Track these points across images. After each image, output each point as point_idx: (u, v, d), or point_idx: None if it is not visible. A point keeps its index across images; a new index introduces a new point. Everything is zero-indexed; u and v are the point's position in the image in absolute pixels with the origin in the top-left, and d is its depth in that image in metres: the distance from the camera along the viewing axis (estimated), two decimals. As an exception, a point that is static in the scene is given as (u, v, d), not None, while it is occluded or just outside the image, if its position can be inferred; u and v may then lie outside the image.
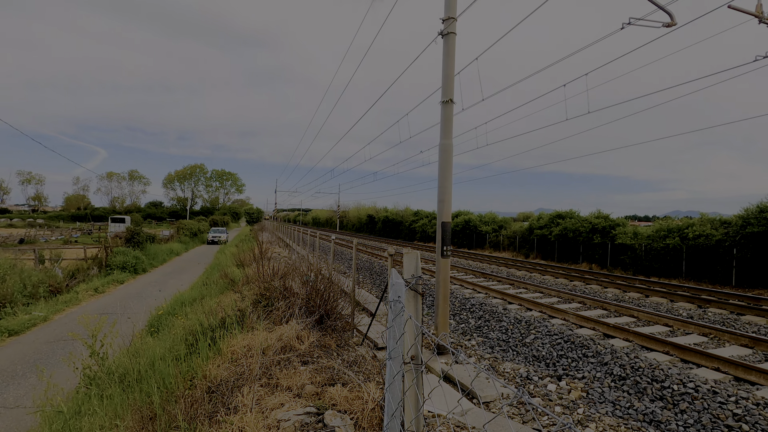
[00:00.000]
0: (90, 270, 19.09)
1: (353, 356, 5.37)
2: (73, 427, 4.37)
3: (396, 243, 37.46)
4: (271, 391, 4.06)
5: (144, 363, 5.48)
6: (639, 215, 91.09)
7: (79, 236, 43.62)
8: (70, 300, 13.94)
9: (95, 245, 24.90)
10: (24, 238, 37.07)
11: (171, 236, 38.28)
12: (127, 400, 4.64)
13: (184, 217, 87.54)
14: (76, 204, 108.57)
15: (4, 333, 10.19)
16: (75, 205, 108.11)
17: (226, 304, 8.30)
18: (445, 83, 7.44)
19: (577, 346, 7.28)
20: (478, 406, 5.25)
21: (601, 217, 22.63)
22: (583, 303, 11.13)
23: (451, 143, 7.47)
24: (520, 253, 27.70)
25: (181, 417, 3.69)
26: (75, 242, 35.59)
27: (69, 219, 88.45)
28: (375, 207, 63.32)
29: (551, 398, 5.78)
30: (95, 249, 21.99)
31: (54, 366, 7.55)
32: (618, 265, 20.07)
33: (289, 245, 28.01)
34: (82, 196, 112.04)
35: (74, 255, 21.47)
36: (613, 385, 6.00)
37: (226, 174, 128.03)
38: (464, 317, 10.03)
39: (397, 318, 2.45)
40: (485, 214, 34.67)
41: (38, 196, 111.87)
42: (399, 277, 2.70)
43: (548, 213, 27.34)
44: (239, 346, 5.18)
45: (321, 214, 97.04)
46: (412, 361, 2.33)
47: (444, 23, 7.41)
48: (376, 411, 3.62)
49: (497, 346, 8.11)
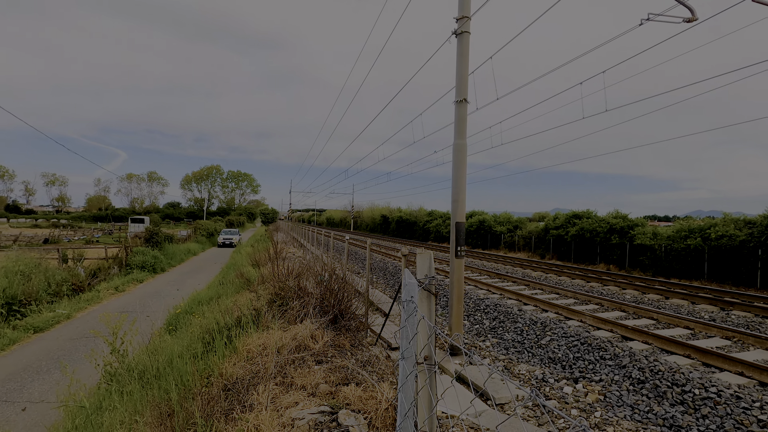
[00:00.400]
0: (111, 269, 19.57)
1: (367, 356, 5.38)
2: (94, 422, 4.49)
3: (410, 243, 37.40)
4: (286, 389, 4.10)
5: (162, 360, 5.60)
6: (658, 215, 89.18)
7: (101, 236, 44.76)
8: (92, 298, 14.31)
9: (116, 245, 25.52)
10: (48, 238, 38.22)
11: (188, 236, 38.99)
12: (146, 397, 4.74)
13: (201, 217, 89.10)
14: (98, 205, 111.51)
15: (30, 330, 10.52)
16: (96, 205, 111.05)
17: (241, 304, 8.41)
18: (459, 83, 7.40)
19: (594, 349, 7.16)
20: (492, 407, 5.21)
21: (619, 217, 22.20)
22: (600, 304, 10.94)
23: (465, 143, 7.43)
24: (535, 253, 27.37)
25: (198, 414, 3.75)
26: (96, 242, 36.53)
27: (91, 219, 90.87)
28: (389, 207, 63.38)
29: (567, 401, 5.70)
30: (116, 249, 22.53)
31: (77, 362, 7.77)
32: (637, 266, 19.66)
33: (304, 245, 28.23)
34: (104, 197, 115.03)
35: (96, 254, 22.04)
36: (632, 388, 5.88)
37: (241, 175, 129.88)
38: (479, 318, 9.96)
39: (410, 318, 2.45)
40: (500, 214, 34.36)
41: (62, 197, 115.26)
42: (412, 277, 2.70)
43: (564, 213, 26.95)
44: (255, 345, 5.24)
45: (335, 215, 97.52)
46: (425, 362, 2.33)
47: (458, 22, 7.37)
48: (390, 411, 3.62)
49: (512, 347, 8.03)
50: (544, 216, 40.74)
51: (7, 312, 11.30)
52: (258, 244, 29.31)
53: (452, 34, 7.51)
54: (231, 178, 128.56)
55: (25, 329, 10.47)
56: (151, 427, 4.02)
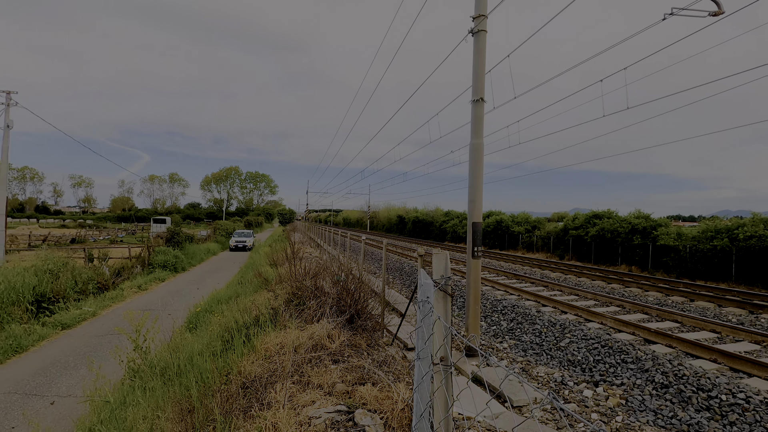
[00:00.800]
0: (134, 268, 20.11)
1: (383, 356, 5.39)
2: (119, 417, 4.62)
3: (426, 243, 37.28)
4: (303, 388, 4.14)
5: (183, 358, 5.73)
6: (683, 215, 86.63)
7: (124, 236, 46.03)
8: (116, 296, 14.74)
9: (139, 245, 26.21)
10: (75, 237, 39.50)
11: (208, 236, 39.74)
12: (168, 393, 4.86)
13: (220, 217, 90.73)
14: (122, 205, 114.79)
15: (58, 327, 10.90)
16: (120, 206, 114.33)
17: (260, 303, 8.53)
18: (476, 82, 7.34)
19: (616, 351, 7.00)
20: (509, 409, 5.15)
21: (642, 217, 21.66)
22: (621, 306, 10.69)
23: (482, 142, 7.37)
24: (554, 254, 26.93)
25: (217, 411, 3.83)
26: (120, 242, 37.59)
27: (115, 220, 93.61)
28: (405, 207, 63.33)
29: (587, 404, 5.59)
30: (138, 248, 23.14)
31: (102, 359, 8.01)
32: (660, 268, 19.14)
33: (321, 245, 28.44)
34: (127, 198, 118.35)
35: (120, 254, 22.68)
36: (655, 393, 5.73)
37: (259, 176, 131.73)
38: (496, 319, 9.86)
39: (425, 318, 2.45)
40: (518, 215, 33.94)
41: (88, 198, 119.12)
42: (428, 277, 2.69)
43: (584, 213, 26.45)
44: (272, 344, 5.31)
45: (351, 215, 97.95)
46: (441, 363, 2.32)
47: (474, 21, 7.32)
48: (406, 411, 3.62)
49: (530, 349, 7.92)
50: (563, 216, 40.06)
51: (37, 309, 11.73)
52: (275, 244, 29.67)
53: (469, 32, 7.46)
54: (249, 179, 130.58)
55: (54, 326, 10.85)
56: (172, 422, 4.11)
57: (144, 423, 4.28)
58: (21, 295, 11.28)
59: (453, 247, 32.94)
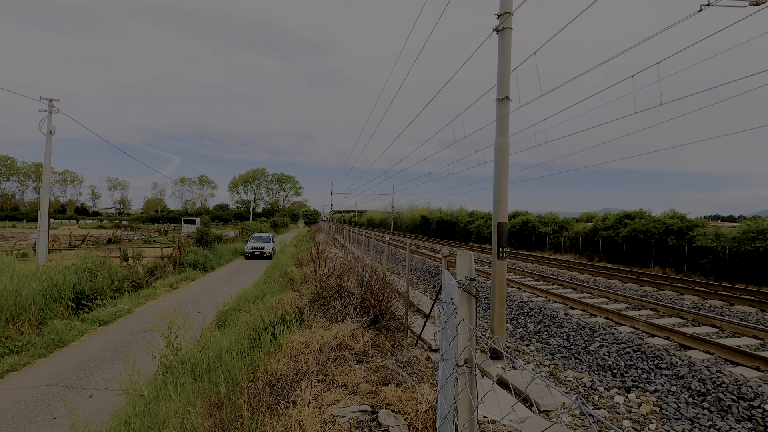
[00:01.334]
0: (166, 267, 20.82)
1: (407, 357, 5.38)
2: (152, 411, 4.79)
3: (450, 244, 36.97)
4: (328, 387, 4.18)
5: (212, 355, 5.89)
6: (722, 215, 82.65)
7: (157, 236, 47.71)
8: (149, 294, 15.30)
9: (170, 245, 27.12)
10: (111, 237, 41.25)
11: (236, 236, 40.69)
12: (198, 389, 5.01)
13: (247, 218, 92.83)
14: (155, 207, 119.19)
15: (96, 323, 11.40)
16: (153, 207, 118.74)
17: (285, 302, 8.67)
18: (501, 80, 7.24)
19: (649, 357, 6.75)
20: (535, 414, 5.04)
21: (677, 217, 20.79)
22: (655, 310, 10.30)
23: (508, 142, 7.26)
24: (583, 255, 26.20)
25: (245, 407, 3.91)
26: (153, 242, 38.99)
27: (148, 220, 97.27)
28: (429, 208, 62.99)
29: (618, 411, 5.41)
30: (170, 248, 23.94)
31: (136, 354, 8.33)
32: (696, 270, 18.31)
33: (345, 246, 28.65)
34: (159, 200, 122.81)
35: (152, 253, 23.53)
36: (691, 400, 5.49)
37: (285, 177, 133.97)
38: (522, 321, 9.67)
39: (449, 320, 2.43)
40: (545, 215, 33.20)
41: (123, 200, 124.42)
42: (452, 278, 2.67)
43: (615, 213, 25.61)
44: (298, 343, 5.39)
45: (375, 215, 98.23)
46: (465, 364, 2.30)
47: (499, 18, 7.22)
48: (430, 413, 3.60)
49: (558, 352, 7.73)
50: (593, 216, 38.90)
51: (77, 306, 12.31)
52: (301, 245, 30.09)
53: (493, 30, 7.36)
54: (275, 180, 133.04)
55: (92, 322, 11.37)
56: (202, 417, 4.24)
57: (176, 417, 4.43)
58: (62, 293, 11.87)
59: (478, 248, 32.54)
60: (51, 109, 17.61)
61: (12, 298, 9.94)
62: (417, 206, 68.97)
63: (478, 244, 37.50)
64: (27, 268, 12.08)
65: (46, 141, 17.70)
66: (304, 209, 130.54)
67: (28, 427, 6.05)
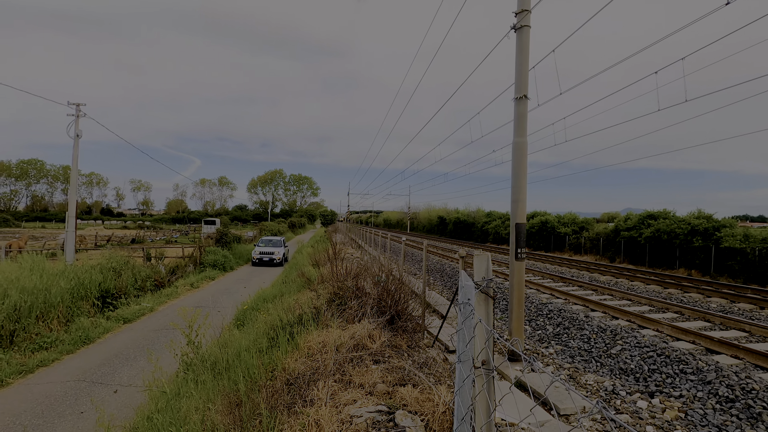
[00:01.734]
0: (187, 267, 21.27)
1: (424, 358, 5.36)
2: (174, 407, 4.90)
3: (467, 245, 36.68)
4: (344, 387, 4.20)
5: (231, 353, 5.99)
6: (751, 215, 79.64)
7: (178, 237, 48.79)
8: (170, 293, 15.66)
9: (191, 245, 27.69)
10: (135, 238, 42.38)
11: (254, 237, 41.26)
12: (218, 386, 5.10)
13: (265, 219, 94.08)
14: (176, 208, 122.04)
15: (120, 321, 11.73)
16: (175, 208, 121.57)
17: (303, 302, 8.75)
18: (519, 79, 7.15)
19: (673, 361, 6.56)
20: (555, 417, 4.95)
21: (703, 218, 20.15)
22: (680, 313, 10.00)
23: (526, 141, 7.16)
24: (604, 256, 25.63)
25: (263, 405, 3.97)
26: (175, 242, 39.89)
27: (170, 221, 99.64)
28: (446, 208, 62.69)
29: (641, 416, 5.27)
30: (191, 248, 24.45)
31: (158, 351, 8.53)
32: (724, 272, 17.71)
33: (361, 246, 28.74)
34: (181, 201, 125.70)
35: (174, 253, 24.07)
36: (719, 407, 5.31)
37: (302, 178, 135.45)
38: (541, 323, 9.53)
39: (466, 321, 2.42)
40: (564, 215, 32.63)
41: (146, 201, 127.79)
42: (469, 279, 2.65)
43: (637, 213, 24.98)
44: (315, 342, 5.43)
45: (392, 216, 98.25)
46: (482, 366, 2.28)
47: (517, 16, 7.14)
48: (447, 414, 3.58)
49: (578, 355, 7.59)
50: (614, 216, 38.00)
51: (102, 304, 12.70)
52: (318, 245, 30.32)
53: (511, 29, 7.28)
54: (292, 181, 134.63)
55: (117, 320, 11.70)
56: (221, 415, 4.31)
57: (196, 414, 4.52)
58: (89, 291, 12.26)
59: (495, 248, 32.19)
60: (78, 113, 18.20)
61: (42, 297, 10.31)
62: (433, 207, 68.73)
63: (495, 245, 37.11)
64: (56, 267, 12.51)
65: (74, 144, 18.31)
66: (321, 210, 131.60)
67: (56, 421, 6.26)
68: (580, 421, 1.18)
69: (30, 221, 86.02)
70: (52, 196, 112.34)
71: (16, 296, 9.59)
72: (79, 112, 18.22)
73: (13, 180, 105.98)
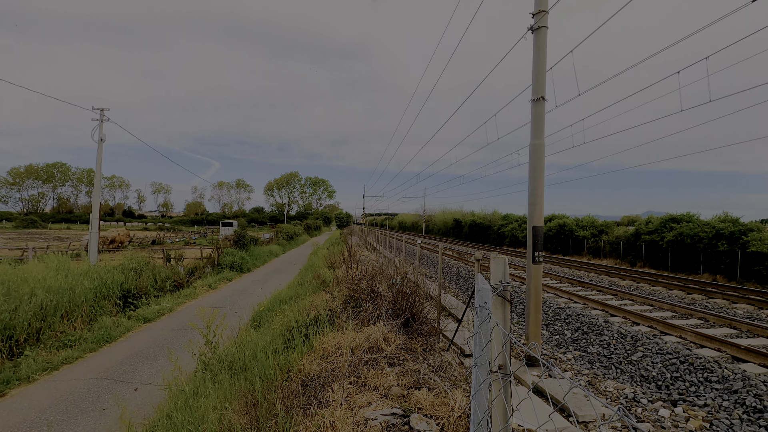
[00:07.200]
0: (205, 268, 21.63)
1: (439, 361, 5.33)
2: (192, 406, 4.98)
3: (483, 248, 36.35)
4: (359, 389, 4.21)
5: (248, 354, 6.05)
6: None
7: (197, 238, 49.67)
8: (189, 294, 15.94)
9: (209, 246, 28.16)
10: (155, 239, 43.34)
11: (271, 239, 41.71)
12: (234, 386, 5.16)
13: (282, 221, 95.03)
14: (195, 210, 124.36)
15: (141, 320, 12.00)
16: (194, 210, 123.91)
17: (318, 304, 8.80)
18: (536, 80, 7.08)
19: (697, 369, 6.36)
20: (574, 424, 4.86)
21: (729, 221, 19.52)
22: (704, 319, 9.70)
23: (543, 143, 7.08)
24: (624, 260, 25.06)
25: (279, 406, 4.00)
26: (193, 243, 40.60)
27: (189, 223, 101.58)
28: (461, 211, 62.26)
29: (664, 425, 5.12)
30: (209, 250, 24.86)
31: (177, 351, 8.69)
32: (751, 278, 17.10)
33: (377, 248, 28.77)
34: (199, 203, 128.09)
35: (192, 255, 24.51)
36: (746, 417, 5.12)
37: (318, 181, 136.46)
38: (558, 328, 9.36)
39: (483, 324, 2.39)
40: (582, 218, 32.03)
41: (166, 203, 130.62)
42: (485, 282, 2.63)
43: (659, 216, 24.36)
44: (330, 344, 5.45)
45: (407, 219, 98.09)
46: (499, 371, 2.25)
47: (534, 17, 7.07)
48: (463, 419, 3.55)
49: (597, 361, 7.43)
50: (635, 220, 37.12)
51: (124, 303, 13.01)
52: (333, 247, 30.48)
53: (528, 30, 7.22)
54: (308, 184, 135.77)
55: (137, 319, 11.97)
56: (238, 414, 4.36)
57: (214, 413, 4.58)
58: (111, 291, 12.58)
59: (512, 251, 31.81)
60: (102, 118, 18.74)
61: (66, 296, 10.62)
62: (449, 209, 68.32)
63: (511, 248, 36.66)
64: (80, 267, 12.88)
65: (98, 148, 18.84)
66: (336, 212, 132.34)
67: (80, 417, 6.43)
68: (600, 429, 1.16)
69: (56, 222, 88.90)
70: (77, 198, 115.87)
71: (42, 295, 9.91)
72: (103, 116, 18.76)
73: (41, 183, 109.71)
